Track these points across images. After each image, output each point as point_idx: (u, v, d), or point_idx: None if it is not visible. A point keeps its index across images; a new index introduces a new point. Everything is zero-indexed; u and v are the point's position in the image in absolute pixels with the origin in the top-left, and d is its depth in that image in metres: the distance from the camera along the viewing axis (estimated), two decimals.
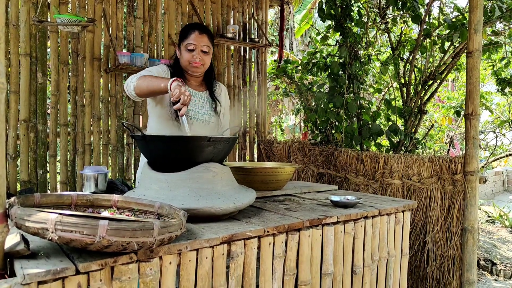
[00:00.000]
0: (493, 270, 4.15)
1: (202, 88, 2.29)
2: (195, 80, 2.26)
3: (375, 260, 1.80)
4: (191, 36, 2.14)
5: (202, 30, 2.16)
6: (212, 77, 2.32)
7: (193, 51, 2.13)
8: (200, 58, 2.14)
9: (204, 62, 2.17)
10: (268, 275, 1.42)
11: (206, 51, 2.16)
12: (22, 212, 0.98)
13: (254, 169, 1.99)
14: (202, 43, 2.14)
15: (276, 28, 9.41)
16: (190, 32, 2.15)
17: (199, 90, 2.27)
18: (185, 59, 2.15)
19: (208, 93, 2.29)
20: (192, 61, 2.14)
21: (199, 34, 2.14)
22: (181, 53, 2.17)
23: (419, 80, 3.49)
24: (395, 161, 2.86)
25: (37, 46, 2.83)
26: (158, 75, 2.11)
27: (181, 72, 2.21)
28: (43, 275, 0.94)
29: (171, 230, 1.07)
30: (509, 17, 3.04)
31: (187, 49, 2.14)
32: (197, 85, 2.27)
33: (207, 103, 2.26)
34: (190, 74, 2.21)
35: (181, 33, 2.20)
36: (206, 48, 2.15)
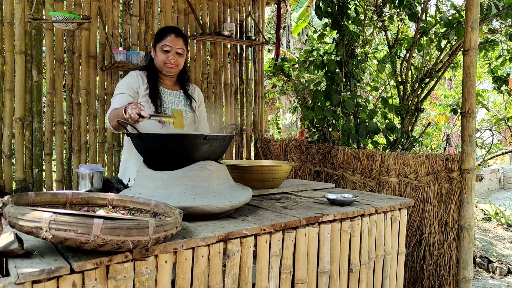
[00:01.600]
0: (489, 267, 4.16)
1: (176, 87, 2.42)
2: (169, 80, 2.38)
3: (371, 258, 1.80)
4: (168, 38, 2.27)
5: (178, 33, 2.30)
6: (185, 78, 2.46)
7: (169, 53, 2.26)
8: (174, 60, 2.28)
9: (178, 63, 2.31)
10: (264, 274, 1.42)
11: (181, 53, 2.29)
12: (15, 210, 0.97)
13: (250, 167, 1.99)
14: (178, 46, 2.28)
15: (273, 26, 9.40)
16: (167, 34, 2.28)
17: (173, 89, 2.40)
18: (160, 60, 2.28)
19: (182, 92, 2.43)
20: (167, 61, 2.27)
21: (175, 37, 2.28)
22: (157, 54, 2.29)
23: (416, 78, 3.50)
24: (391, 159, 2.86)
25: (32, 44, 2.81)
26: (130, 86, 2.24)
27: (156, 73, 2.34)
28: (37, 274, 0.94)
29: (166, 229, 1.07)
30: (505, 15, 3.04)
31: (162, 50, 2.27)
32: (172, 85, 2.40)
33: (182, 100, 2.40)
34: (164, 74, 2.34)
35: (158, 35, 2.33)
36: (181, 50, 2.29)
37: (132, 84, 2.27)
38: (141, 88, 2.28)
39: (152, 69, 2.33)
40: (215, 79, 3.77)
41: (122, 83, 2.29)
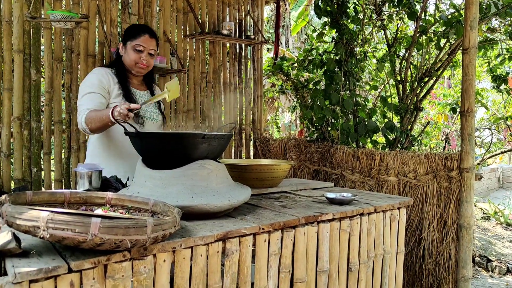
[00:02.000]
0: (488, 266, 4.16)
1: (143, 87, 2.40)
2: (136, 80, 2.35)
3: (370, 257, 1.80)
4: (141, 38, 2.23)
5: (152, 34, 2.28)
6: (152, 78, 2.47)
7: (142, 53, 2.23)
8: (146, 60, 2.25)
9: (150, 64, 2.30)
10: (263, 273, 1.42)
11: (153, 54, 2.28)
12: (13, 210, 0.97)
13: (249, 166, 1.99)
14: (151, 47, 2.26)
15: (272, 25, 9.39)
16: (141, 34, 2.24)
17: (141, 89, 2.37)
18: (132, 59, 2.23)
19: (149, 92, 2.40)
20: (139, 62, 2.24)
21: (149, 37, 2.25)
22: (127, 51, 2.24)
23: (415, 77, 3.49)
24: (391, 158, 2.86)
25: (30, 43, 2.80)
26: (101, 85, 2.15)
27: (125, 71, 2.29)
28: (34, 273, 0.93)
29: (164, 228, 1.06)
30: (504, 13, 3.04)
31: (135, 50, 2.22)
32: (139, 84, 2.37)
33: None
34: (133, 74, 2.30)
35: (131, 33, 2.27)
36: (153, 51, 2.27)
37: (103, 83, 2.17)
38: (112, 88, 2.20)
39: (120, 67, 2.27)
40: (214, 78, 3.77)
41: (92, 81, 2.17)
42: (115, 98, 2.19)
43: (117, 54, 2.33)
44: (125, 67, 2.28)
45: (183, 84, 3.57)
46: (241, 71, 3.98)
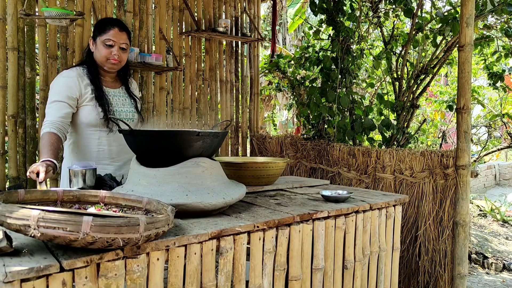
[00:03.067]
0: (484, 263, 4.18)
1: (117, 84, 2.29)
2: (110, 77, 2.25)
3: (366, 255, 1.80)
4: (111, 32, 2.12)
5: (122, 27, 2.16)
6: (127, 74, 2.34)
7: (112, 47, 2.12)
8: (118, 55, 2.13)
9: (122, 59, 2.17)
10: (258, 271, 1.41)
11: (125, 48, 2.16)
12: (3, 208, 0.96)
13: (245, 164, 1.98)
14: (122, 40, 2.14)
15: (269, 22, 9.37)
16: (110, 28, 2.13)
17: (114, 87, 2.27)
18: (102, 55, 2.12)
19: (124, 89, 2.30)
20: (110, 57, 2.12)
21: (119, 31, 2.13)
22: (97, 47, 2.13)
23: (412, 75, 3.49)
24: (387, 155, 2.86)
25: (24, 40, 2.78)
26: (70, 94, 2.07)
27: (96, 69, 2.18)
28: (26, 272, 0.92)
29: (158, 226, 1.06)
30: (500, 11, 3.04)
31: (105, 45, 2.11)
32: (112, 81, 2.27)
33: (126, 100, 2.28)
34: (105, 70, 2.20)
35: (99, 27, 2.16)
36: (124, 45, 2.15)
37: (72, 91, 2.08)
38: (83, 93, 2.11)
39: (92, 64, 2.17)
40: (210, 75, 3.75)
41: (60, 87, 2.09)
42: (88, 103, 2.12)
43: (88, 51, 2.21)
44: (97, 64, 2.18)
45: (179, 82, 3.56)
46: (237, 69, 3.97)
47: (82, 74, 2.14)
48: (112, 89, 2.24)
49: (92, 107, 2.11)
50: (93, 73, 2.15)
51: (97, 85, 2.14)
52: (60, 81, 2.11)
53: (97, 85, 2.14)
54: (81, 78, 2.12)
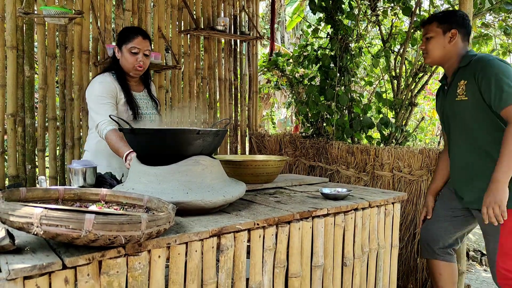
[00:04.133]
0: (482, 260, 4.20)
1: (140, 87, 2.49)
2: (134, 81, 2.44)
3: (365, 252, 1.81)
4: (136, 40, 2.30)
5: (145, 35, 2.35)
6: (149, 77, 2.55)
7: (137, 55, 2.30)
8: (143, 61, 2.33)
9: (146, 65, 2.37)
10: (258, 268, 1.42)
11: (148, 54, 2.35)
12: (6, 206, 0.97)
13: (244, 162, 1.99)
14: (145, 47, 2.33)
15: (268, 21, 9.37)
16: (134, 36, 2.31)
17: (139, 90, 2.46)
18: (129, 62, 2.31)
19: (146, 92, 2.50)
20: (136, 64, 2.31)
21: (143, 39, 2.32)
22: (124, 55, 2.32)
23: (410, 73, 3.50)
24: (385, 153, 2.87)
25: (23, 39, 2.77)
26: (111, 94, 2.26)
27: (124, 75, 2.37)
28: (28, 270, 0.93)
29: (159, 224, 1.06)
30: (498, 9, 3.05)
31: (131, 52, 2.29)
32: (136, 85, 2.46)
33: (149, 102, 2.47)
34: (131, 75, 2.38)
35: (124, 36, 2.34)
36: (147, 52, 2.34)
37: (113, 92, 2.28)
38: (118, 96, 2.31)
39: (119, 70, 2.35)
40: (209, 74, 3.76)
41: (102, 88, 2.26)
42: (122, 106, 2.31)
43: (113, 58, 2.39)
44: (123, 70, 2.35)
45: (178, 80, 3.56)
46: (236, 67, 3.97)
47: (113, 79, 2.32)
48: (137, 92, 2.44)
49: (124, 109, 2.31)
50: (122, 78, 2.35)
51: (127, 89, 2.34)
52: (100, 86, 2.28)
53: (127, 89, 2.34)
54: (114, 82, 2.31)
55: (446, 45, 2.12)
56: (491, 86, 1.92)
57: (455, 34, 2.10)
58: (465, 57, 2.10)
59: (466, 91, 2.03)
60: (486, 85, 1.94)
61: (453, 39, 2.10)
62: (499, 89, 1.89)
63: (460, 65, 2.11)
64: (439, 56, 2.15)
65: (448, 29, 2.09)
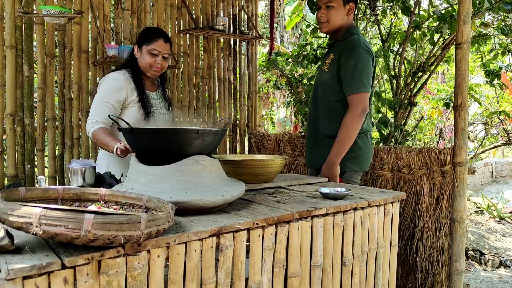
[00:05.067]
0: (481, 260, 4.20)
1: (154, 87, 2.54)
2: (149, 80, 2.50)
3: (364, 252, 1.81)
4: (157, 43, 2.34)
5: (167, 39, 2.40)
6: (164, 78, 2.62)
7: (157, 57, 2.35)
8: (161, 64, 2.38)
9: (164, 67, 2.43)
10: (257, 268, 1.42)
11: (167, 57, 2.41)
12: (5, 206, 0.96)
13: (243, 162, 1.99)
14: (165, 51, 2.38)
15: (267, 20, 9.37)
16: (156, 38, 2.35)
17: (152, 90, 2.51)
18: (147, 62, 2.35)
19: (160, 92, 2.57)
20: (154, 65, 2.36)
21: (164, 42, 2.37)
22: (143, 55, 2.36)
23: (409, 72, 3.50)
24: (385, 153, 2.87)
25: (22, 39, 2.77)
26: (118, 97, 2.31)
27: (139, 73, 2.41)
28: (28, 270, 0.93)
29: (158, 223, 1.06)
30: (497, 8, 3.05)
31: (150, 53, 2.34)
32: (150, 85, 2.52)
33: (162, 103, 2.54)
34: (147, 76, 2.43)
35: (145, 36, 2.39)
36: (167, 55, 2.40)
37: (120, 95, 2.32)
38: (130, 95, 2.36)
39: (136, 69, 2.41)
40: (208, 73, 3.76)
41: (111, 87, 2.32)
42: (133, 104, 2.36)
43: (131, 56, 2.44)
44: (139, 69, 2.41)
45: (177, 80, 3.56)
46: (235, 67, 3.97)
47: (128, 78, 2.37)
48: (151, 92, 2.49)
49: (136, 108, 2.36)
50: (137, 77, 2.40)
51: (142, 88, 2.40)
52: (110, 82, 2.34)
53: (142, 89, 2.39)
54: (128, 81, 2.36)
55: (344, 17, 2.19)
56: (347, 70, 2.14)
57: (352, 8, 2.18)
58: (346, 33, 2.21)
59: (330, 64, 2.19)
60: (344, 68, 2.15)
61: (350, 12, 2.17)
62: (352, 76, 2.09)
63: (339, 39, 2.21)
64: (337, 27, 2.21)
65: (347, 1, 2.16)
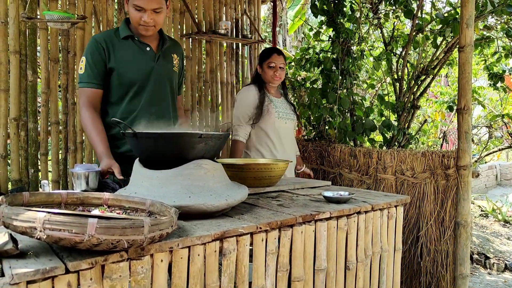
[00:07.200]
0: (486, 263, 4.18)
1: (278, 94, 2.96)
2: (273, 89, 2.91)
3: (368, 255, 1.80)
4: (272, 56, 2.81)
5: (279, 52, 2.82)
6: (285, 86, 3.07)
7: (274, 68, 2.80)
8: (279, 74, 2.81)
9: (282, 77, 2.84)
10: (261, 272, 1.42)
11: (282, 67, 2.82)
12: (9, 211, 0.97)
13: (247, 166, 1.99)
14: (280, 62, 2.82)
15: (269, 24, 9.38)
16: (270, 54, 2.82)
17: (277, 96, 2.93)
18: (268, 75, 2.82)
19: (283, 98, 2.97)
20: (274, 76, 2.80)
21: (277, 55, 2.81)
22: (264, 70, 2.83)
23: (412, 75, 3.50)
24: (388, 156, 2.86)
25: (26, 44, 2.79)
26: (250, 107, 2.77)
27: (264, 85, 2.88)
28: (32, 274, 0.93)
29: (161, 228, 1.06)
30: (500, 11, 3.05)
31: (269, 67, 2.80)
32: (275, 93, 2.93)
33: (287, 106, 2.92)
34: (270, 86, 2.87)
35: (263, 54, 2.85)
36: (282, 65, 2.82)
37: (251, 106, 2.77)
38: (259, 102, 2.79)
39: (261, 83, 2.86)
40: (211, 77, 3.76)
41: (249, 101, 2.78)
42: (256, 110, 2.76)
43: (256, 73, 2.92)
44: (264, 82, 2.86)
45: None
46: (238, 71, 3.98)
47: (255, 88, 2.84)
48: (277, 98, 2.91)
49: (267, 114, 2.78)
50: (262, 89, 2.85)
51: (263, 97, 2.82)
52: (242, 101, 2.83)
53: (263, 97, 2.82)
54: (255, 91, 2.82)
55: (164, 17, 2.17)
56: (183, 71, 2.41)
57: (168, 7, 2.14)
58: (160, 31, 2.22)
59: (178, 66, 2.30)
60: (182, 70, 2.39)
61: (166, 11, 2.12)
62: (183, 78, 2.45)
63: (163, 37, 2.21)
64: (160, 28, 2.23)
65: (166, 1, 2.11)
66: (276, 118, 2.80)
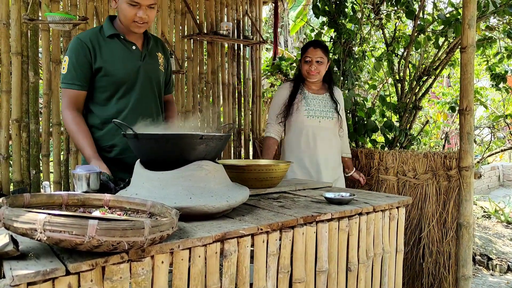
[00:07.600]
0: (489, 265, 4.16)
1: (321, 91, 2.80)
2: (315, 85, 2.78)
3: (370, 257, 1.80)
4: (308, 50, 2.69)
5: (316, 45, 2.70)
6: (332, 82, 2.86)
7: (310, 63, 2.67)
8: (315, 68, 2.66)
9: (319, 71, 2.69)
10: (262, 273, 1.42)
11: (320, 61, 2.67)
12: (10, 212, 0.97)
13: (248, 167, 1.98)
14: (316, 55, 2.67)
15: (271, 25, 9.38)
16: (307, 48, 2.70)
17: (319, 93, 2.79)
18: (304, 69, 2.72)
19: (328, 95, 2.80)
20: (309, 71, 2.69)
21: (313, 48, 2.68)
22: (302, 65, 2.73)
23: (414, 76, 3.49)
24: (390, 157, 2.86)
25: (28, 45, 2.80)
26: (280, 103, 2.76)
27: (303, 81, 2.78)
28: (32, 276, 0.93)
29: (162, 229, 1.06)
30: (502, 12, 3.04)
31: (305, 61, 2.70)
32: (317, 89, 2.80)
33: (328, 103, 2.77)
34: (308, 81, 2.75)
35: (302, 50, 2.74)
36: (319, 59, 2.67)
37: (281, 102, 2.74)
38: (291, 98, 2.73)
39: (299, 79, 2.78)
40: (212, 78, 3.76)
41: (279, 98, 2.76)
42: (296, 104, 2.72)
43: (298, 70, 2.85)
44: (303, 78, 2.75)
45: (182, 85, 3.57)
46: (239, 72, 3.98)
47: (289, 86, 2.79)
48: (318, 95, 2.77)
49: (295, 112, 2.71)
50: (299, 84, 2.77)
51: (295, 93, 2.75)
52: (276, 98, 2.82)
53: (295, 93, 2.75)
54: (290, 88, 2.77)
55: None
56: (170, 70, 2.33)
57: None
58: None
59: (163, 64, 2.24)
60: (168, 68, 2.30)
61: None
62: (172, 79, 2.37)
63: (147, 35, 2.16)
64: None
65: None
66: (305, 116, 2.69)
